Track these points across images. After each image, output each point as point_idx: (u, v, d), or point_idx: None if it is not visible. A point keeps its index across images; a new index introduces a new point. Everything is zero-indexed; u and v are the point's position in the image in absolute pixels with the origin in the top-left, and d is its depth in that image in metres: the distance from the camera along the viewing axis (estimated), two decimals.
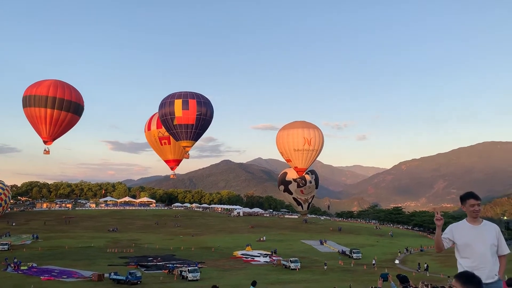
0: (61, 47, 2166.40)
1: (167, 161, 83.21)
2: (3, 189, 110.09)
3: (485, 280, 5.28)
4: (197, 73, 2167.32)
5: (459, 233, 5.68)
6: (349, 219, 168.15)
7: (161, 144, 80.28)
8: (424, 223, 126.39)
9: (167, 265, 57.18)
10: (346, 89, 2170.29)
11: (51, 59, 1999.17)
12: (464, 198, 5.72)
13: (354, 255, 68.39)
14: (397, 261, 65.50)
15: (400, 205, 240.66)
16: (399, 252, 75.48)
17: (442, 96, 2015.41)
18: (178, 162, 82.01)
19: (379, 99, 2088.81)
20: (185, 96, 73.35)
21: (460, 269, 5.47)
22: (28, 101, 65.47)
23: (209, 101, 77.02)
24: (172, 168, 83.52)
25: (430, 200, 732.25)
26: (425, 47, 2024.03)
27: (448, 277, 47.10)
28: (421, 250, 79.24)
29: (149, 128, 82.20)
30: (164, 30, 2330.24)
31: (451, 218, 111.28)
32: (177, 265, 56.29)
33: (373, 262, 60.79)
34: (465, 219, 5.82)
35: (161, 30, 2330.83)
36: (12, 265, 52.56)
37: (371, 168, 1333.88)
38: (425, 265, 56.32)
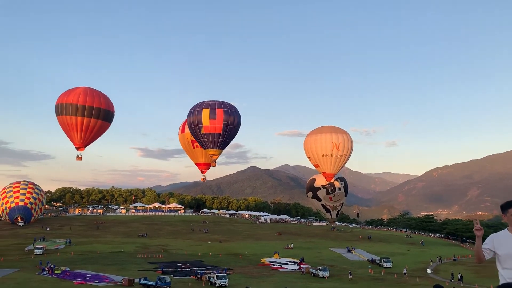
0: (92, 54, 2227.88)
1: (198, 164, 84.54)
2: (38, 194, 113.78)
3: None
4: (224, 80, 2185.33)
5: (500, 243, 5.47)
6: (379, 227, 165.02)
7: (193, 147, 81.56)
8: (457, 232, 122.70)
9: (196, 271, 57.54)
10: (374, 94, 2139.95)
11: (83, 66, 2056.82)
12: (505, 207, 5.53)
13: (385, 264, 67.03)
14: (429, 270, 63.75)
15: (431, 213, 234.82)
16: (431, 261, 73.49)
17: (474, 100, 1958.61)
18: (208, 166, 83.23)
19: (408, 104, 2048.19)
20: (213, 106, 74.23)
21: (502, 281, 5.28)
22: (60, 109, 67.83)
23: (237, 110, 77.51)
24: (202, 172, 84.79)
25: (463, 208, 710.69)
26: (455, 52, 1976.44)
27: None
28: (454, 260, 76.89)
29: (182, 131, 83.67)
30: (192, 38, 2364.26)
31: (486, 226, 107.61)
32: (205, 271, 56.58)
33: (404, 271, 59.42)
34: (506, 229, 5.61)
35: (189, 39, 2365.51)
36: (46, 269, 54.09)
37: (401, 175, 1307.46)
38: (459, 275, 54.54)
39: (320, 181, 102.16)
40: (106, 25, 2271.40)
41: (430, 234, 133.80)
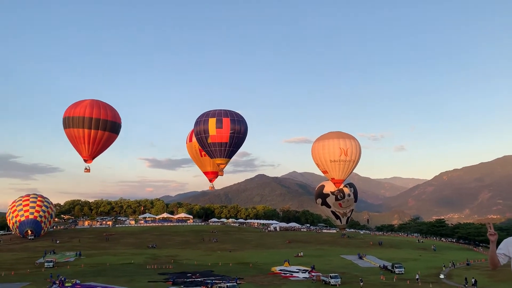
0: (98, 66, 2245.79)
1: (206, 173, 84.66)
2: (47, 207, 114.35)
3: None
4: (230, 88, 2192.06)
5: None
6: (390, 232, 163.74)
7: (201, 156, 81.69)
8: (469, 236, 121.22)
9: (206, 281, 57.21)
10: (381, 99, 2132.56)
11: (90, 79, 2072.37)
12: None
13: (396, 270, 66.17)
14: (442, 276, 62.81)
15: (442, 217, 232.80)
16: (444, 266, 72.50)
17: (481, 102, 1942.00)
18: (216, 174, 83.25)
19: (416, 108, 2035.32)
20: (219, 115, 74.47)
21: None
22: (68, 122, 68.41)
23: (243, 119, 77.64)
24: (210, 180, 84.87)
25: (475, 211, 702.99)
26: (460, 54, 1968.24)
27: None
28: (467, 264, 75.82)
29: (190, 140, 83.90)
30: (197, 49, 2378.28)
31: (499, 230, 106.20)
32: (215, 281, 56.24)
33: (417, 277, 58.61)
34: None
35: (194, 49, 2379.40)
36: (57, 282, 54.08)
37: (410, 179, 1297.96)
38: (473, 280, 53.65)
39: (329, 187, 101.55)
40: (111, 37, 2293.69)
41: (442, 238, 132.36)
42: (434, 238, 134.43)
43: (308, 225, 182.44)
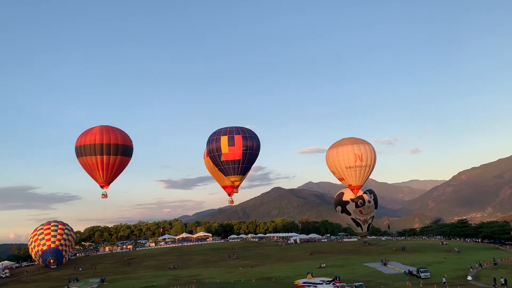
0: (106, 90, 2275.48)
1: (224, 187, 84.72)
2: (67, 234, 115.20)
3: None
4: (240, 105, 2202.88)
5: None
6: (412, 237, 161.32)
7: (219, 170, 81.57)
8: (494, 234, 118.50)
9: None
10: (392, 103, 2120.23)
11: (98, 104, 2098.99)
12: None
13: (422, 275, 64.78)
14: (469, 277, 61.24)
15: (464, 217, 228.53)
16: (471, 267, 70.83)
17: (493, 97, 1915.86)
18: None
19: (427, 109, 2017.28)
20: (231, 132, 74.77)
21: None
22: (80, 151, 69.32)
23: (255, 134, 77.79)
24: (229, 194, 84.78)
25: (497, 209, 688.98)
26: (468, 50, 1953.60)
27: None
28: (495, 264, 73.89)
29: (207, 155, 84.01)
30: (203, 64, 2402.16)
31: None
32: None
33: (444, 280, 57.30)
34: None
35: (200, 65, 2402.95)
36: None
37: (428, 181, 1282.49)
38: (502, 280, 52.16)
39: (349, 194, 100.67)
40: (117, 59, 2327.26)
41: (466, 239, 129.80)
42: (458, 239, 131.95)
43: (329, 235, 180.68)
